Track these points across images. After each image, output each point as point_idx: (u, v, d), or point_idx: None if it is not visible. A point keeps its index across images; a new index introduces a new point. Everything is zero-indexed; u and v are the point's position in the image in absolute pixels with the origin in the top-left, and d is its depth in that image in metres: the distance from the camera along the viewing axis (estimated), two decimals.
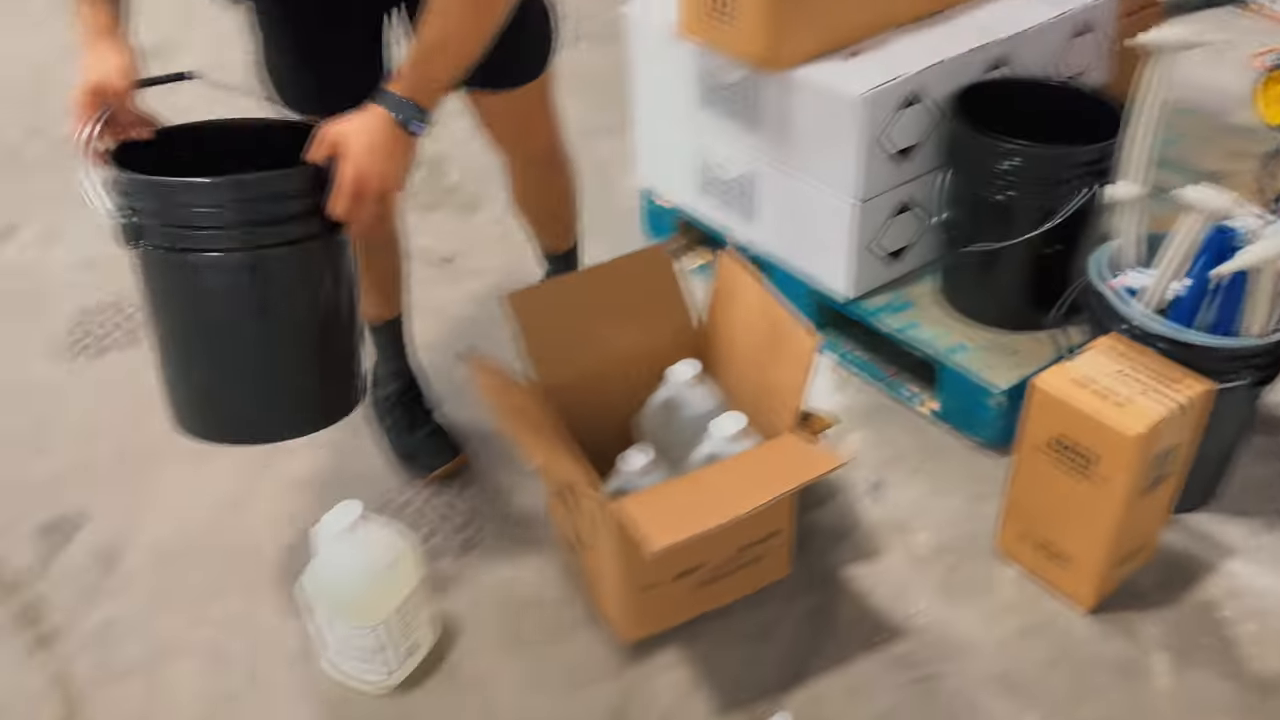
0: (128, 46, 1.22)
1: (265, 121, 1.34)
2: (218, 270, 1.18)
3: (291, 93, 1.44)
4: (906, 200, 1.80)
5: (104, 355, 2.06)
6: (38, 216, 2.47)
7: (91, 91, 1.17)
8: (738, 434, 1.43)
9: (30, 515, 1.72)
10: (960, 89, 1.73)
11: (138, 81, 1.20)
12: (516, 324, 1.55)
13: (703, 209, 2.09)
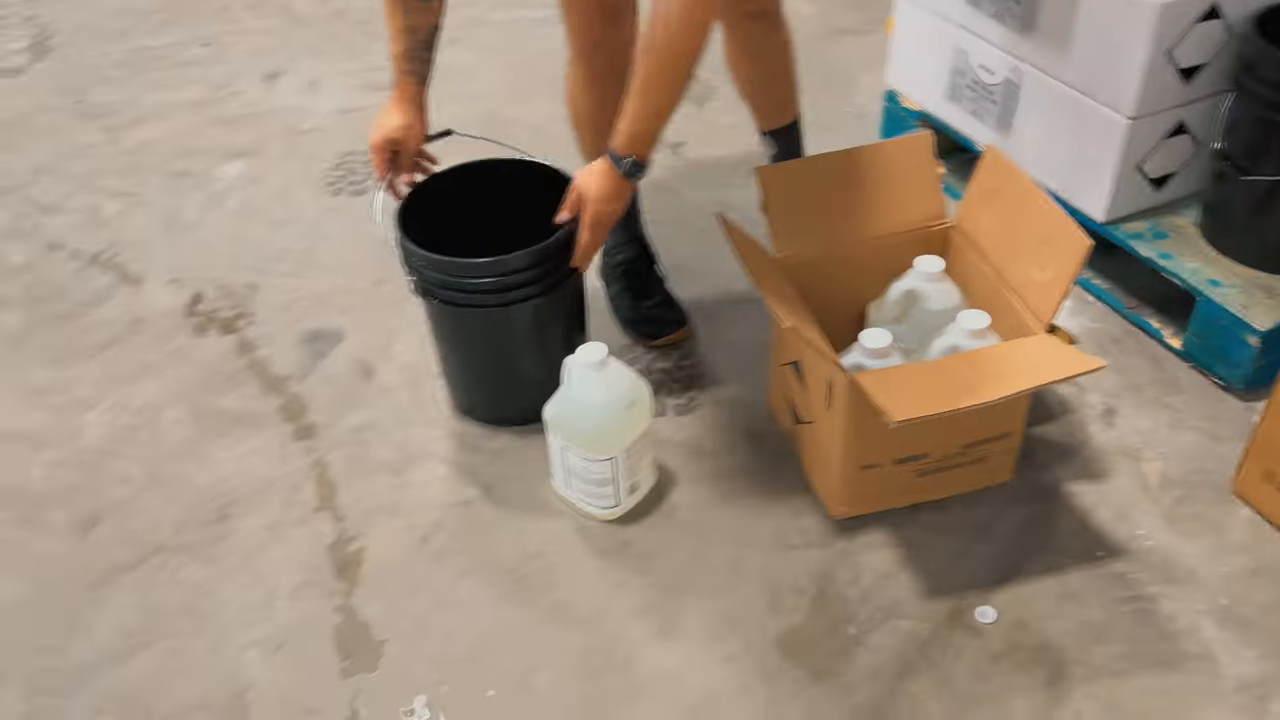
0: (423, 111, 1.59)
1: (511, 162, 1.70)
2: (482, 317, 1.55)
3: None
4: (1182, 122, 1.72)
5: (363, 195, 2.21)
6: (302, 66, 2.64)
7: (388, 144, 1.56)
8: (983, 330, 1.43)
9: (297, 326, 1.88)
10: (1263, 8, 1.62)
11: (424, 138, 1.61)
12: (764, 197, 1.58)
13: (952, 116, 2.04)
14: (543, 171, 1.66)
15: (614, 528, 1.51)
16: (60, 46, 2.76)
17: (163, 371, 1.81)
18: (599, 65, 1.64)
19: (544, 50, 2.65)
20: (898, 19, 2.12)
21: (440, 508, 1.55)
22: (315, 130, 2.41)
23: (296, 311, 1.91)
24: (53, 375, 1.81)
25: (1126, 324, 1.80)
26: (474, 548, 1.49)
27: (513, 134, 2.35)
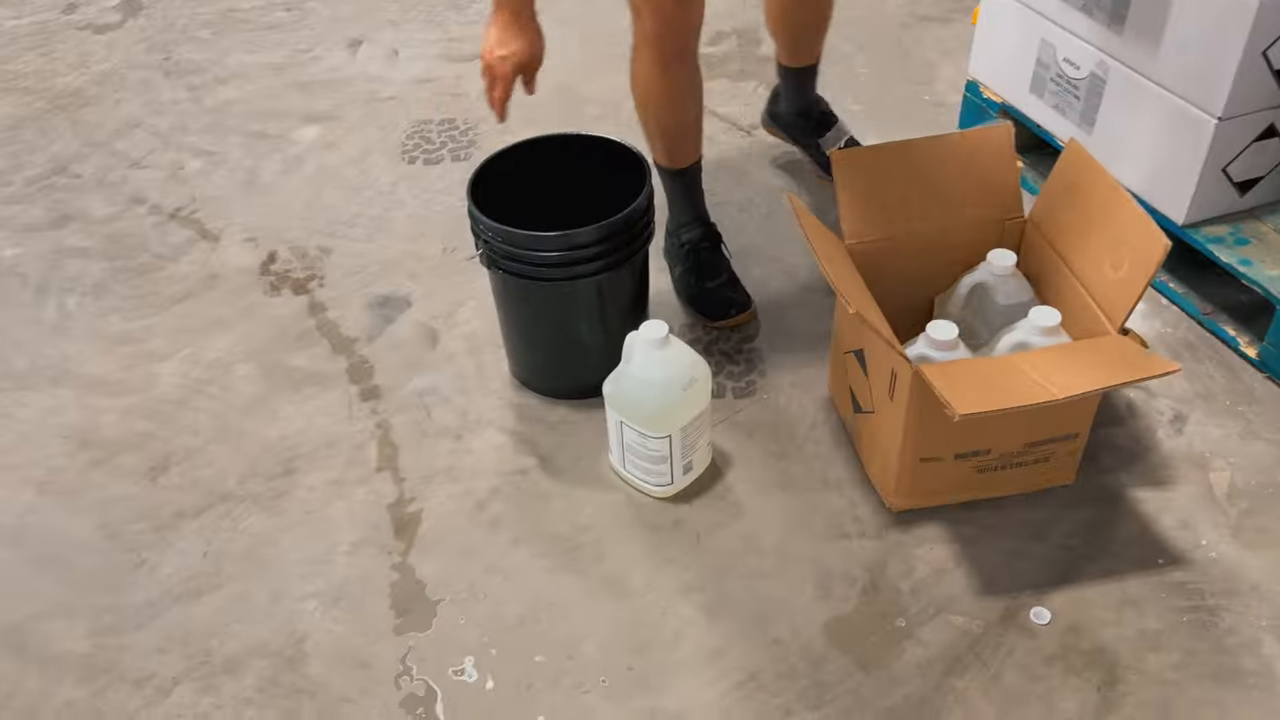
0: (538, 26, 1.51)
1: (581, 137, 1.72)
2: (547, 290, 1.56)
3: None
4: (1273, 125, 1.67)
5: (436, 165, 2.23)
6: (383, 35, 2.67)
7: (518, 71, 1.51)
8: (1054, 327, 1.40)
9: (366, 289, 1.92)
10: None
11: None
12: (837, 181, 1.56)
13: (1034, 109, 2.00)
14: (612, 148, 1.67)
15: (667, 505, 1.52)
16: (152, 4, 2.83)
17: (235, 327, 1.85)
18: (669, 49, 1.62)
19: (621, 26, 2.65)
20: (984, 7, 2.08)
21: (497, 475, 1.57)
22: (393, 99, 2.44)
23: (366, 276, 1.95)
24: (129, 326, 1.87)
25: (1201, 330, 1.76)
26: (529, 516, 1.51)
27: (585, 109, 2.38)
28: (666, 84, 1.66)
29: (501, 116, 1.56)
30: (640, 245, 1.60)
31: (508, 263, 1.54)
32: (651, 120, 1.73)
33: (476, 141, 2.29)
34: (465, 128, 2.33)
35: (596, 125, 2.33)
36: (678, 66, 1.66)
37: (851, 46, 2.56)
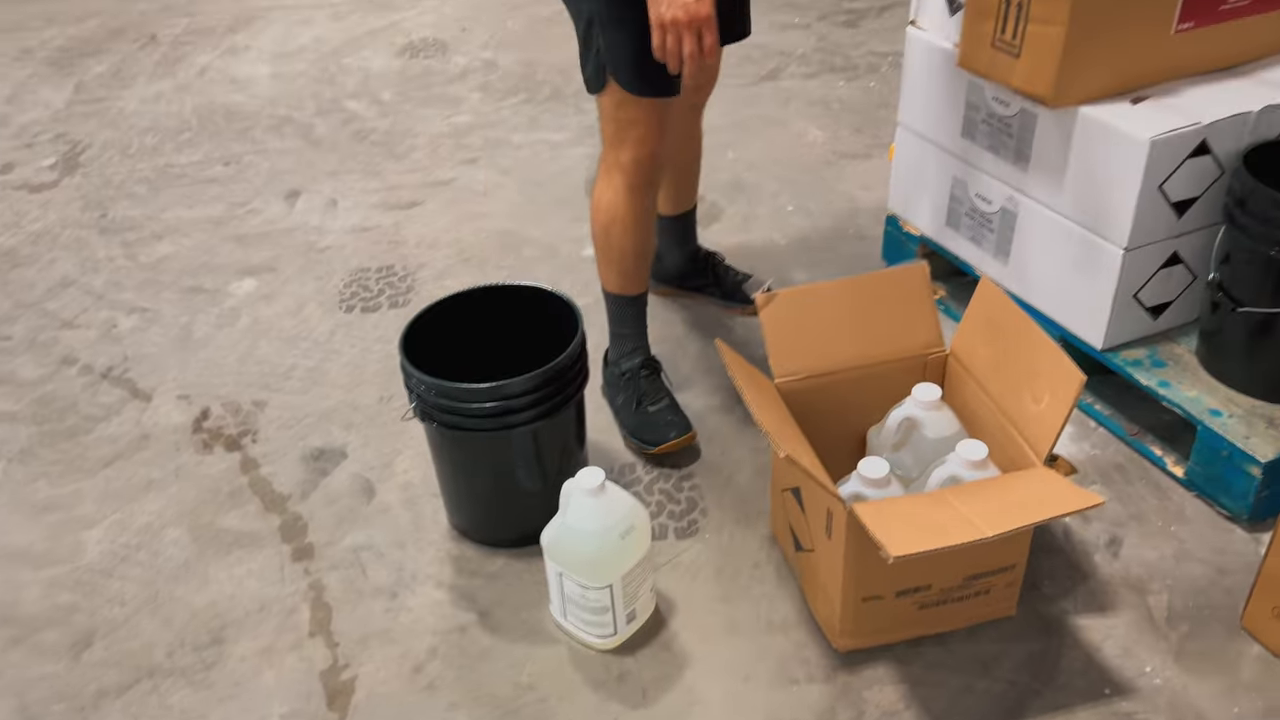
0: None
1: (515, 287, 1.74)
2: (483, 440, 1.56)
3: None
4: (1177, 253, 1.74)
5: (374, 312, 2.24)
6: (321, 186, 2.72)
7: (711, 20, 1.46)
8: (982, 460, 1.43)
9: (301, 442, 1.90)
10: (1252, 144, 1.66)
11: None
12: (764, 324, 1.60)
13: (951, 242, 2.08)
14: (543, 296, 1.70)
15: (611, 658, 1.49)
16: (89, 162, 2.86)
17: (165, 489, 1.81)
18: (643, 177, 1.70)
19: (560, 171, 2.74)
20: (897, 146, 2.18)
21: (435, 634, 1.53)
22: (331, 248, 2.47)
23: (301, 429, 1.93)
24: (57, 492, 1.82)
25: (1129, 451, 1.80)
26: (467, 678, 1.47)
27: (524, 251, 2.43)
28: (634, 209, 1.72)
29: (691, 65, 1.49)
30: (575, 390, 1.61)
31: (442, 415, 1.54)
32: (614, 246, 1.78)
33: (415, 287, 2.31)
34: (403, 274, 2.36)
35: (535, 267, 2.38)
36: (646, 192, 1.73)
37: (778, 185, 2.65)
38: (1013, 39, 1.69)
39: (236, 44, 3.50)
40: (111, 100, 3.16)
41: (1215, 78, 1.74)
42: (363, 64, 3.34)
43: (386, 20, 3.65)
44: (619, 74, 1.60)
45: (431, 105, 3.09)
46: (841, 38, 3.40)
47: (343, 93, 3.16)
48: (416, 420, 1.59)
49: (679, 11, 1.42)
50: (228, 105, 3.11)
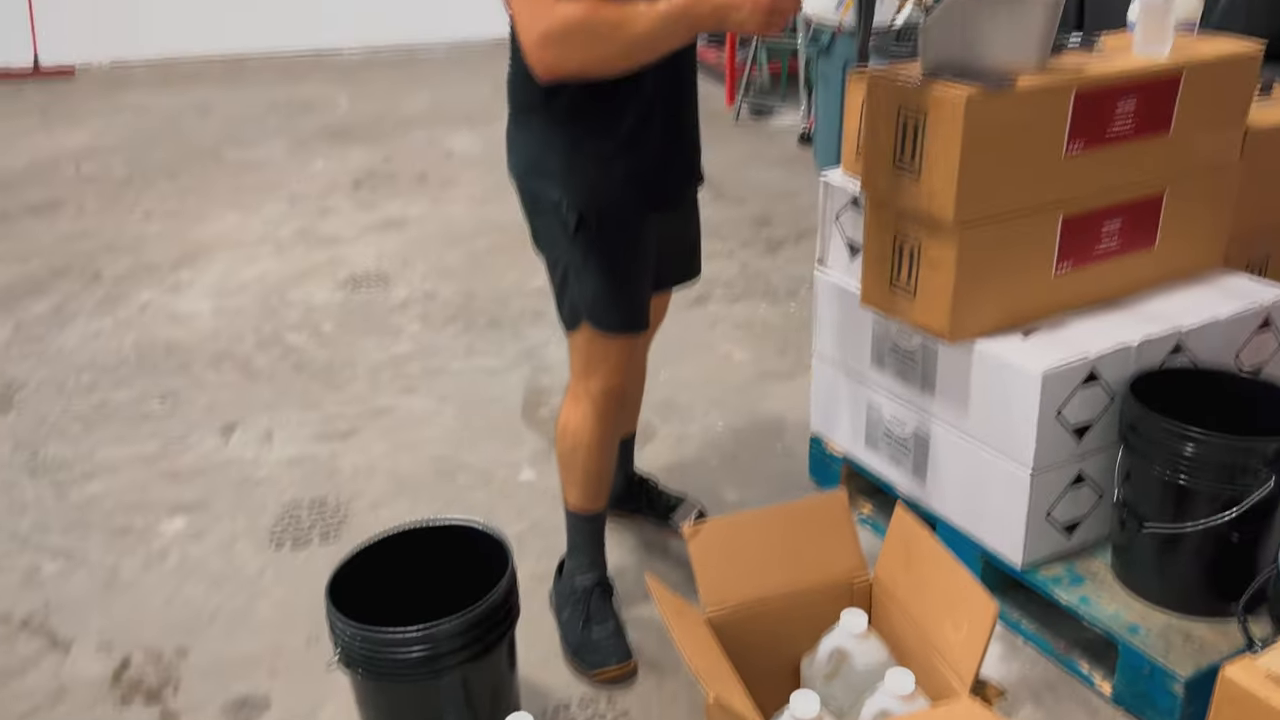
0: None
1: (446, 526, 1.73)
2: (410, 687, 1.55)
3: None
4: (1081, 472, 1.83)
5: (305, 548, 2.23)
6: (258, 419, 2.75)
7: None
8: (911, 694, 1.44)
9: (224, 692, 1.84)
10: (1138, 372, 1.79)
11: None
12: (693, 555, 1.63)
13: (872, 461, 2.16)
14: (474, 533, 1.71)
15: None
16: (23, 402, 2.86)
17: None
18: (613, 402, 1.80)
19: (496, 397, 2.81)
20: (814, 369, 2.29)
21: None
22: (264, 481, 2.47)
23: (225, 677, 1.87)
24: None
25: (1059, 669, 1.82)
26: None
27: (458, 479, 2.45)
28: (601, 431, 1.82)
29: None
30: (504, 630, 1.60)
31: (366, 662, 1.52)
32: (579, 467, 1.86)
33: (348, 519, 2.31)
34: (337, 506, 2.36)
35: (471, 494, 2.40)
36: (612, 419, 1.83)
37: (708, 404, 2.75)
38: (908, 282, 1.83)
39: (180, 281, 3.60)
40: (50, 339, 3.20)
41: (1097, 310, 1.89)
42: (305, 297, 3.45)
43: (330, 255, 3.80)
44: (592, 317, 1.73)
45: (372, 335, 3.18)
46: (763, 264, 3.62)
47: (284, 325, 3.25)
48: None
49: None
50: (168, 341, 3.17)
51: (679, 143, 1.79)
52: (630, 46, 1.48)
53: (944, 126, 1.64)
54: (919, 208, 1.74)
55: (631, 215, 1.72)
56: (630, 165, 1.69)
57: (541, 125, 1.68)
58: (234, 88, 6.75)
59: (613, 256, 1.71)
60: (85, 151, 5.21)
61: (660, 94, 1.68)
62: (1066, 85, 1.68)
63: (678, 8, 1.45)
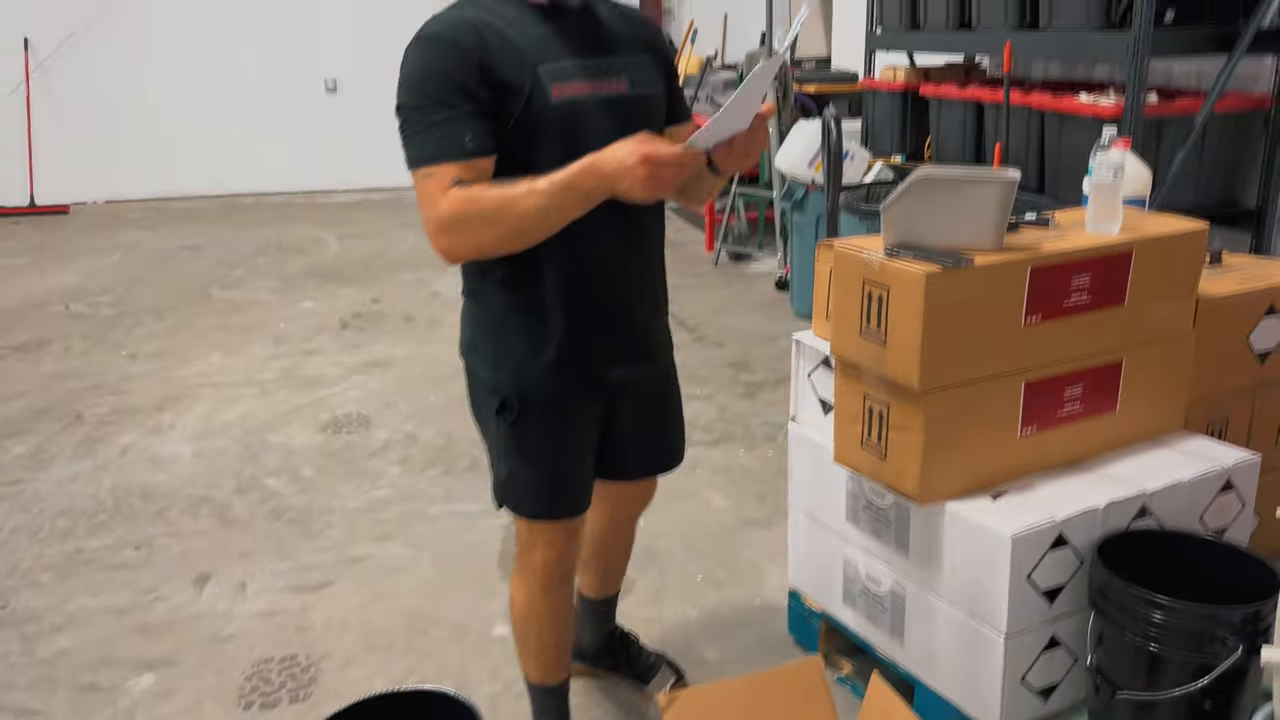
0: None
1: (416, 692, 1.66)
2: None
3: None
4: (1055, 636, 1.84)
5: (273, 708, 2.19)
6: (232, 569, 2.72)
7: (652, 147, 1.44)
8: None
9: None
10: (1105, 535, 1.82)
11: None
12: None
13: (849, 619, 2.15)
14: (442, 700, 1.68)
15: None
16: None
17: None
18: (555, 575, 1.78)
19: (474, 544, 2.81)
20: (790, 524, 2.31)
21: None
22: (235, 636, 2.43)
23: None
24: None
25: None
26: None
27: (432, 633, 2.42)
28: (549, 605, 1.80)
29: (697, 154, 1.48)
30: None
31: None
32: (532, 639, 1.84)
33: (318, 679, 2.27)
34: (307, 664, 2.32)
35: (441, 651, 2.37)
36: (560, 589, 1.81)
37: (686, 553, 2.75)
38: (878, 443, 1.87)
39: (162, 423, 3.62)
40: (27, 482, 3.20)
41: (1064, 472, 1.93)
42: (286, 440, 3.46)
43: (313, 397, 3.84)
44: (510, 501, 1.73)
45: (351, 480, 3.19)
46: (741, 408, 3.67)
47: (263, 470, 3.25)
48: None
49: (637, 172, 1.42)
50: (145, 485, 3.16)
51: (625, 321, 1.72)
52: (521, 225, 1.48)
53: (906, 301, 1.71)
54: (886, 375, 1.80)
55: (557, 404, 1.67)
56: (559, 348, 1.64)
57: (478, 303, 1.69)
58: (226, 227, 6.92)
59: (534, 446, 1.68)
60: (76, 290, 5.30)
61: (599, 268, 1.64)
62: (1022, 262, 1.77)
63: (561, 183, 1.45)
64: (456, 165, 1.49)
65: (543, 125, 1.52)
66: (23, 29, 7.35)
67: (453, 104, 1.48)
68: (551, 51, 1.55)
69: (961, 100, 4.13)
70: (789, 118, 5.40)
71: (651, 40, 1.73)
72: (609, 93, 1.60)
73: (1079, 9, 3.39)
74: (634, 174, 1.42)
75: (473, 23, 1.52)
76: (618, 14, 1.70)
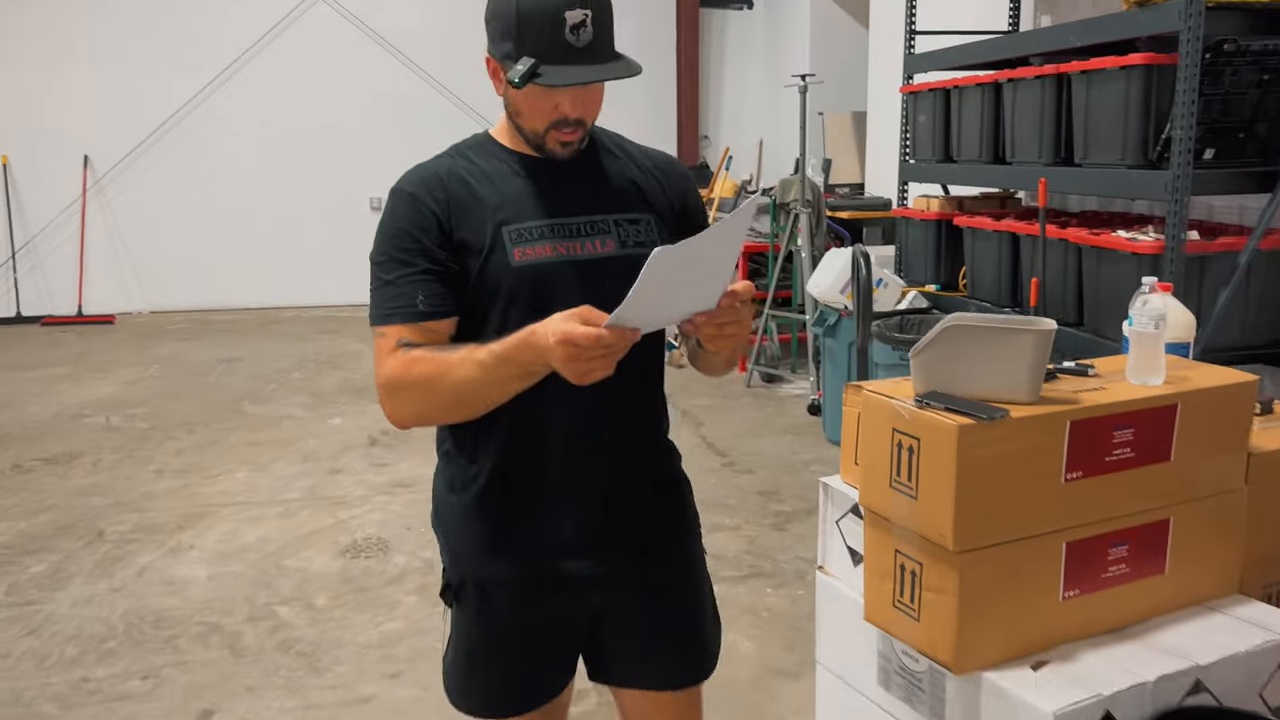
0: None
1: None
2: None
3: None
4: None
5: None
6: (235, 704, 2.63)
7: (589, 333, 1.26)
8: None
9: None
10: (1156, 713, 1.68)
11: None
12: None
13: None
14: None
15: None
16: (2, 675, 2.76)
17: None
18: None
19: None
20: (819, 684, 2.18)
21: None
22: None
23: None
24: None
25: None
26: None
27: None
28: None
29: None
30: None
31: None
32: None
33: None
34: None
35: None
36: None
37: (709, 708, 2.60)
38: (911, 603, 1.76)
39: (181, 543, 3.57)
40: (42, 604, 3.14)
41: (1109, 640, 1.80)
42: (303, 565, 3.40)
43: (334, 518, 3.78)
44: (447, 688, 1.60)
45: (365, 609, 3.10)
46: (770, 541, 3.56)
47: (277, 597, 3.18)
48: None
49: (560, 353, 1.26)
50: (159, 610, 3.10)
51: (595, 506, 1.53)
52: (458, 396, 1.37)
53: (938, 455, 1.63)
54: (918, 531, 1.70)
55: (497, 595, 1.52)
56: (496, 534, 1.50)
57: (440, 470, 1.59)
58: (265, 340, 7.01)
59: (470, 636, 1.54)
60: (111, 402, 5.35)
61: (556, 445, 1.49)
62: (1061, 415, 1.69)
63: (499, 354, 1.34)
64: (406, 327, 1.42)
65: (502, 288, 1.43)
66: (84, 147, 7.65)
67: (410, 262, 1.43)
68: (523, 209, 1.46)
69: (997, 231, 4.10)
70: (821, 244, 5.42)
71: (670, 193, 1.59)
72: (586, 254, 1.47)
73: (1115, 146, 3.38)
74: (555, 355, 1.27)
75: (443, 176, 1.47)
76: (634, 164, 1.58)
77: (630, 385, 1.50)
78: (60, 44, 7.48)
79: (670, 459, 1.68)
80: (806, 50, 7.58)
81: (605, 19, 1.41)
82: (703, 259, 1.28)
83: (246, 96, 7.80)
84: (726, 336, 1.37)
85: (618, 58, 1.44)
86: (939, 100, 4.46)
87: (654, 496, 1.63)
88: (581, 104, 1.45)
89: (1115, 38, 3.38)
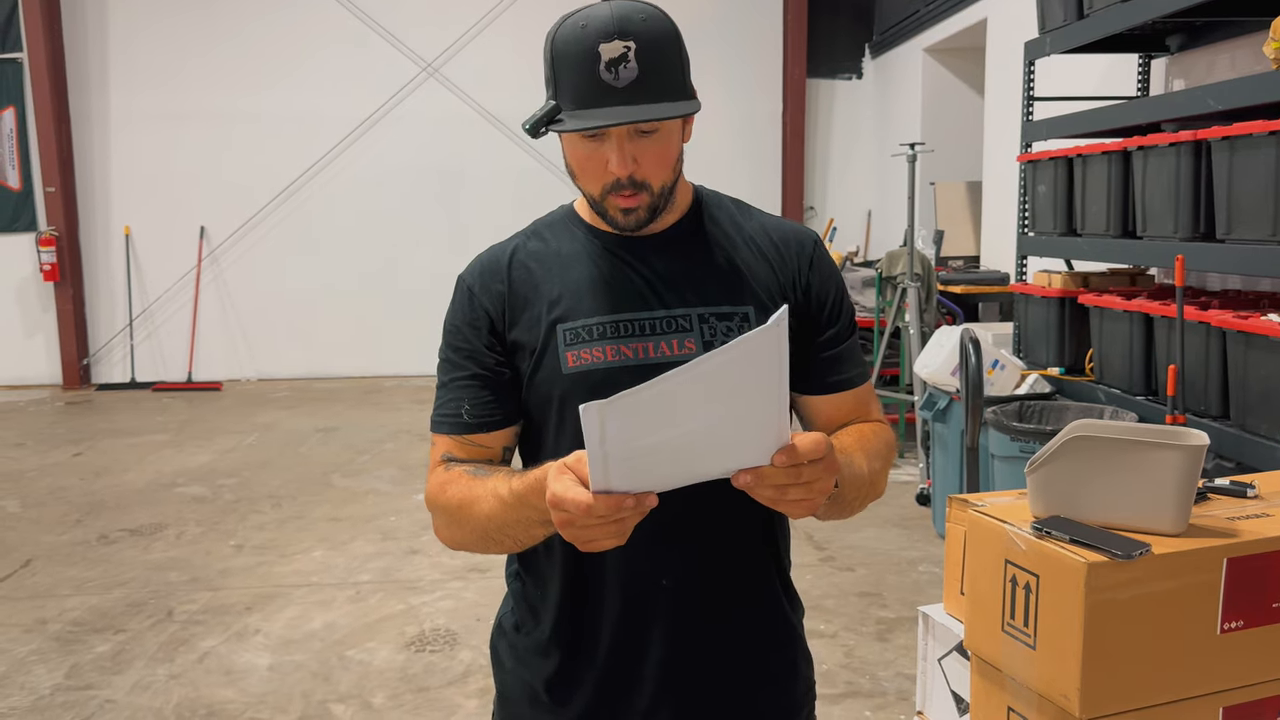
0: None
1: None
2: None
3: None
4: None
5: None
6: None
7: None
8: None
9: None
10: None
11: None
12: None
13: None
14: None
15: None
16: None
17: None
18: None
19: None
20: None
21: None
22: None
23: None
24: None
25: None
26: None
27: None
28: None
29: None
30: None
31: None
32: None
33: None
34: None
35: None
36: None
37: None
38: None
39: (248, 626, 3.45)
40: (99, 688, 3.04)
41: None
42: (365, 657, 3.22)
43: (405, 605, 3.61)
44: None
45: (421, 714, 2.89)
46: (870, 652, 3.22)
47: (334, 694, 3.00)
48: None
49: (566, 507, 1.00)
50: (211, 703, 2.95)
51: (659, 680, 1.26)
52: (484, 531, 1.18)
53: (1062, 597, 1.34)
54: (1036, 689, 1.40)
55: None
56: (556, 697, 1.29)
57: (507, 595, 1.40)
58: (363, 409, 7.02)
59: None
60: (204, 472, 5.36)
61: (619, 618, 1.24)
62: (1216, 551, 1.37)
63: (518, 493, 1.12)
64: (450, 439, 1.27)
65: (554, 396, 1.23)
66: (201, 219, 7.91)
67: (461, 365, 1.28)
68: (582, 303, 1.24)
69: (1128, 312, 3.73)
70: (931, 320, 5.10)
71: (783, 275, 1.30)
72: (657, 358, 1.22)
73: (1264, 220, 3.01)
74: (551, 515, 1.02)
75: (505, 264, 1.28)
76: (743, 239, 1.30)
77: (714, 525, 1.26)
78: (180, 122, 7.79)
79: (782, 639, 1.38)
80: (918, 119, 7.31)
81: (655, 54, 1.14)
82: (720, 393, 0.97)
83: (355, 171, 7.96)
84: (791, 502, 1.04)
85: (676, 98, 1.16)
86: (1061, 169, 4.13)
87: (744, 689, 1.33)
88: (632, 159, 1.18)
89: (1261, 101, 3.03)
